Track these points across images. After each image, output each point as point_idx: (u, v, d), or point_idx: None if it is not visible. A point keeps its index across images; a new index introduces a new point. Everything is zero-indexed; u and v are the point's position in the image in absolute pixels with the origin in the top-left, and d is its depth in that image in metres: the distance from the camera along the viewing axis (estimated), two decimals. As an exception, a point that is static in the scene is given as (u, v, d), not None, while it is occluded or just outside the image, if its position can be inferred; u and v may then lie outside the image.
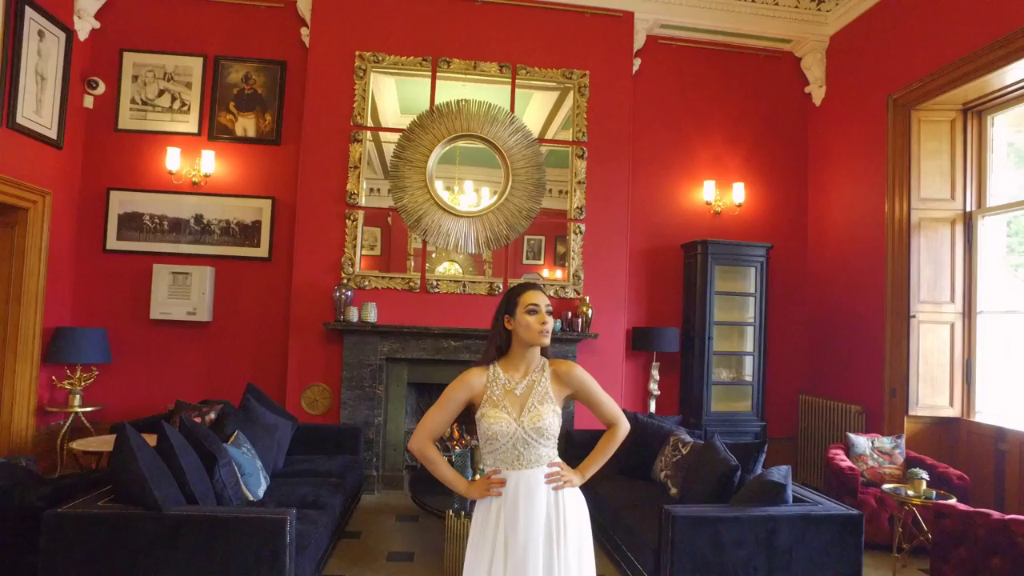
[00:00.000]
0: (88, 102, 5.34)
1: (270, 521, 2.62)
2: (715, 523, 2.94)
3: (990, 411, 4.69)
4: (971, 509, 3.23)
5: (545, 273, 5.61)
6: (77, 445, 4.01)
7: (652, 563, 3.10)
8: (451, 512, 3.35)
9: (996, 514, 3.09)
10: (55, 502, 2.81)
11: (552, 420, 1.96)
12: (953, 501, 3.54)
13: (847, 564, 3.00)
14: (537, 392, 1.97)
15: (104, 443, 4.01)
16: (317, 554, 3.15)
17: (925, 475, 3.82)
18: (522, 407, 1.95)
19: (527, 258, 5.72)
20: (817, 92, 6.09)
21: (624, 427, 2.13)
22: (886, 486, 3.96)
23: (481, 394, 1.98)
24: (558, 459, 2.05)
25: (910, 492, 3.78)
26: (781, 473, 3.27)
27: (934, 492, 3.76)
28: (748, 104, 6.10)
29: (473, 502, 2.05)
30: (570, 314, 5.26)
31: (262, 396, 4.43)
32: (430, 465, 2.01)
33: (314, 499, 3.47)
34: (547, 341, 2.01)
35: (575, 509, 2.03)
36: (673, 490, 3.84)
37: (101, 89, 5.35)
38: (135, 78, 5.44)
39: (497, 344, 2.05)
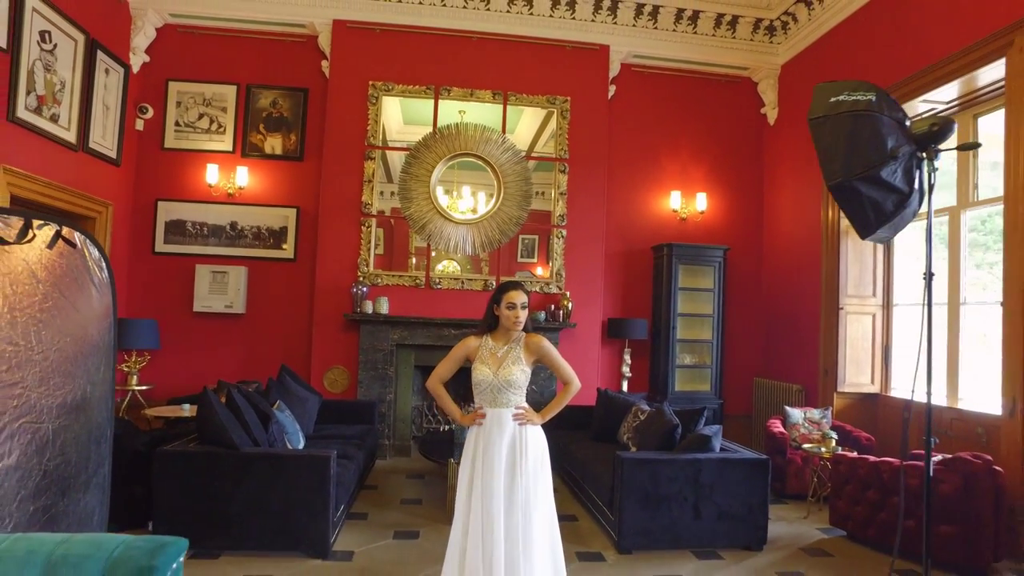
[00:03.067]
0: (139, 125, 6.21)
1: (319, 458, 3.53)
2: (654, 464, 3.85)
3: (901, 387, 5.60)
4: (856, 456, 4.16)
5: (539, 271, 6.47)
6: (150, 412, 4.91)
7: (608, 497, 4.00)
8: (452, 460, 4.24)
9: (872, 458, 4.02)
10: (151, 447, 3.72)
11: (518, 376, 2.85)
12: (853, 454, 4.42)
13: (756, 495, 3.91)
14: (511, 356, 2.87)
15: (170, 411, 4.92)
16: (348, 491, 4.05)
17: (835, 435, 4.73)
18: (499, 365, 2.85)
19: (521, 256, 6.60)
20: (771, 113, 6.98)
21: (575, 386, 3.02)
22: (806, 445, 4.88)
23: (475, 353, 2.88)
24: (525, 404, 2.94)
25: (823, 449, 4.69)
26: (712, 430, 4.18)
27: (840, 448, 4.67)
28: (711, 123, 6.98)
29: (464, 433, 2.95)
30: (553, 306, 6.16)
31: (294, 375, 5.32)
32: (439, 399, 2.95)
33: (343, 452, 4.35)
34: (519, 328, 2.91)
35: (534, 438, 2.90)
36: (632, 448, 4.74)
37: (150, 114, 6.22)
38: (178, 104, 6.31)
39: (488, 322, 2.95)
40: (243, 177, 6.22)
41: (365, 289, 5.95)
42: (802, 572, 3.64)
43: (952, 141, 2.06)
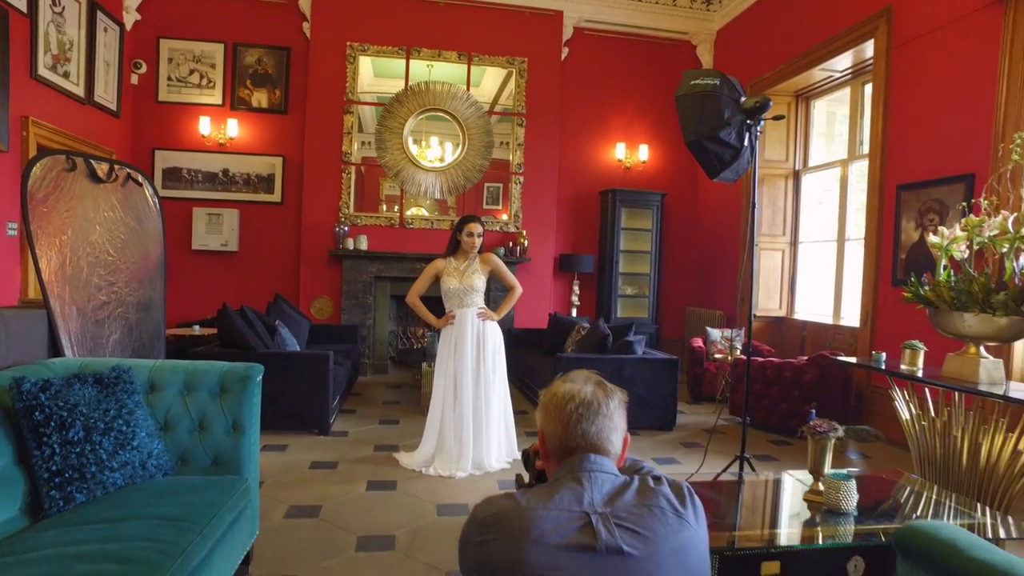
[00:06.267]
0: (134, 79, 6.81)
1: (320, 356, 4.44)
2: (586, 362, 4.85)
3: (802, 311, 6.70)
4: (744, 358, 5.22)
5: (504, 218, 7.33)
6: (167, 332, 5.73)
7: (551, 391, 5.01)
8: (425, 365, 5.20)
9: (759, 360, 5.08)
10: (179, 353, 4.58)
11: (477, 282, 3.80)
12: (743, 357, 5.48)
13: (668, 387, 4.96)
14: (470, 269, 3.81)
15: (184, 331, 5.77)
16: (341, 387, 4.99)
17: (739, 346, 5.81)
18: (462, 275, 3.78)
19: (487, 203, 7.46)
20: (707, 73, 7.84)
21: (519, 289, 3.99)
22: (716, 356, 5.96)
23: (442, 270, 3.82)
24: (483, 305, 3.89)
25: (729, 358, 5.76)
26: (636, 338, 5.19)
27: (741, 356, 5.75)
28: (654, 82, 7.82)
29: (435, 341, 3.90)
30: (511, 243, 7.08)
31: (287, 303, 6.16)
32: (417, 309, 3.88)
33: (335, 359, 5.26)
34: (476, 250, 3.83)
35: (492, 331, 3.88)
36: (574, 358, 5.74)
37: (143, 69, 6.82)
38: (170, 60, 6.91)
39: (452, 248, 3.87)
40: (233, 128, 6.91)
41: (346, 228, 6.78)
42: (699, 443, 4.72)
43: (770, 113, 2.97)
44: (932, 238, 2.98)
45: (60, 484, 1.80)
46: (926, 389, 3.04)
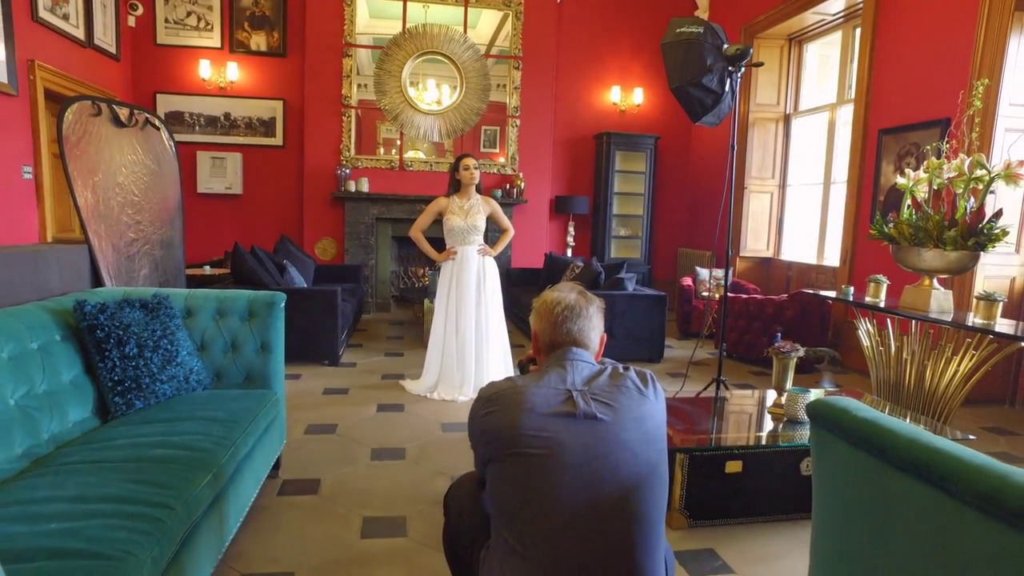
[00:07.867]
0: (131, 22, 6.84)
1: (329, 291, 4.72)
2: (580, 299, 5.14)
3: (789, 252, 6.97)
4: (733, 295, 5.52)
5: (501, 160, 7.49)
6: (179, 270, 5.99)
7: (546, 325, 5.32)
8: (427, 301, 5.49)
9: (744, 296, 5.37)
10: (199, 287, 4.84)
11: (480, 222, 4.05)
12: (729, 295, 5.79)
13: (656, 322, 5.26)
14: (474, 208, 4.06)
15: (196, 271, 6.02)
16: (349, 321, 5.29)
17: (723, 284, 6.09)
18: (466, 214, 4.03)
19: (484, 147, 7.60)
20: (703, 16, 7.87)
21: (511, 232, 4.27)
22: (704, 293, 6.25)
23: (445, 208, 4.07)
24: (483, 243, 4.15)
25: (716, 296, 6.06)
26: (627, 276, 5.47)
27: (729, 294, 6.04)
28: (650, 25, 7.85)
29: (436, 279, 4.18)
30: (508, 185, 7.28)
31: (293, 243, 6.40)
32: (419, 243, 4.16)
33: (341, 297, 5.55)
34: (475, 182, 4.06)
35: (492, 267, 4.16)
36: (569, 296, 6.04)
37: (140, 11, 6.84)
38: (166, 2, 6.93)
39: (453, 186, 4.10)
40: (233, 72, 6.98)
41: (348, 171, 6.96)
42: (684, 372, 5.06)
43: (751, 60, 3.15)
44: (899, 179, 3.22)
45: (122, 392, 2.09)
46: (887, 319, 3.34)
